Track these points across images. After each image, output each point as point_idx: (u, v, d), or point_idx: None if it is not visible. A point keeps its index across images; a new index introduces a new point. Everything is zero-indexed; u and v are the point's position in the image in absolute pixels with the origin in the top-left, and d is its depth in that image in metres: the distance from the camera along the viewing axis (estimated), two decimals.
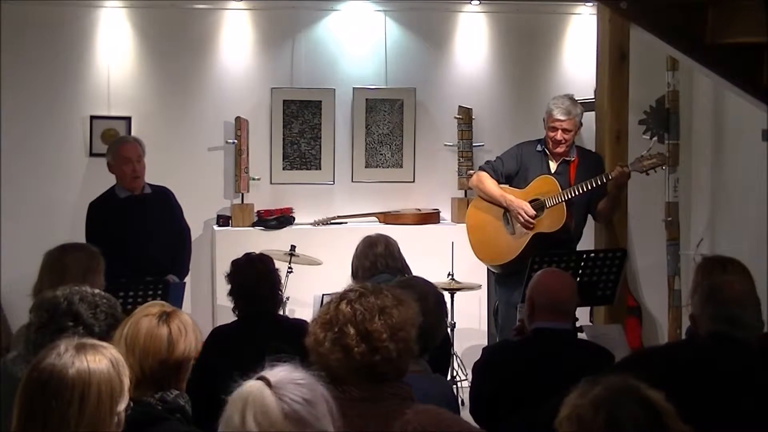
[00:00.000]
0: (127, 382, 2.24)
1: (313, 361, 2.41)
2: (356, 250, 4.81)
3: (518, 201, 5.28)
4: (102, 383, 2.16)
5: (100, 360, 2.18)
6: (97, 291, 2.98)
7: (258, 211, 6.61)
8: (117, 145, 5.60)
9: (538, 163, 5.40)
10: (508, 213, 5.37)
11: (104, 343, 2.29)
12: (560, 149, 5.33)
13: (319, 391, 1.97)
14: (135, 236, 5.42)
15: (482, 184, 5.44)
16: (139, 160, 5.48)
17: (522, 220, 5.24)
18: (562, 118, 5.30)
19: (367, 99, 6.83)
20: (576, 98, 5.52)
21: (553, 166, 5.39)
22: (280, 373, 1.96)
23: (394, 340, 2.39)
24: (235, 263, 4.29)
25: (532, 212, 5.23)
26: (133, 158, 5.46)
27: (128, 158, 5.45)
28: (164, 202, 5.67)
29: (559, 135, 5.30)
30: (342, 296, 2.44)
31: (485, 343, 6.32)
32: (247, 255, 4.34)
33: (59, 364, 2.15)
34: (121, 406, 2.21)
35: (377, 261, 4.68)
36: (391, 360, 2.38)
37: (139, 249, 5.38)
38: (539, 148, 5.43)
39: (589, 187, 5.13)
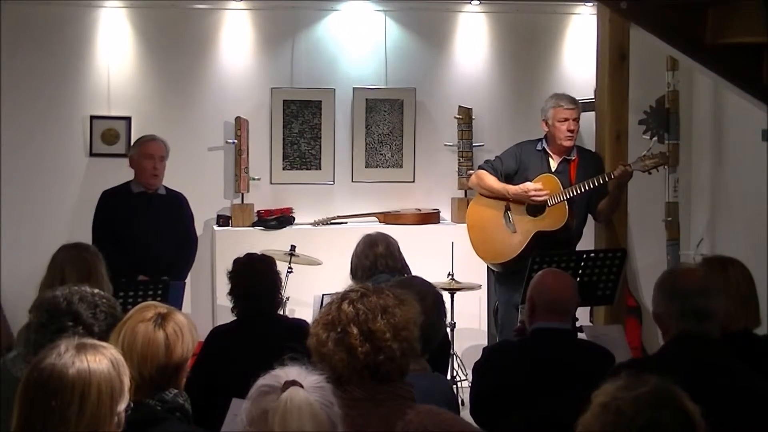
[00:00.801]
0: (127, 382, 2.23)
1: (316, 362, 2.41)
2: (356, 248, 4.80)
3: (519, 186, 5.26)
4: (102, 383, 2.15)
5: (100, 360, 2.18)
6: (96, 291, 2.98)
7: (258, 211, 6.61)
8: (143, 140, 5.74)
9: (539, 162, 5.40)
10: (509, 212, 5.36)
11: (105, 344, 2.28)
12: (571, 142, 5.32)
13: (330, 393, 1.99)
14: (139, 232, 5.50)
15: (482, 181, 5.43)
16: (161, 159, 5.63)
17: (537, 198, 5.17)
18: (571, 106, 5.33)
19: (367, 99, 6.83)
20: (575, 98, 5.53)
21: (553, 165, 5.38)
22: (300, 376, 1.98)
23: (398, 339, 2.39)
24: (237, 262, 4.28)
25: (537, 185, 5.20)
26: (156, 156, 5.62)
27: (151, 155, 5.60)
28: (175, 206, 5.76)
29: (571, 125, 5.30)
30: (343, 296, 2.44)
31: (485, 343, 6.32)
32: (249, 255, 4.33)
33: (60, 363, 2.14)
34: (122, 406, 2.21)
35: (377, 261, 4.67)
36: (394, 359, 2.38)
37: (141, 246, 5.46)
38: (539, 147, 5.42)
39: (591, 186, 5.12)
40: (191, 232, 5.87)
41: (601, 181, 5.11)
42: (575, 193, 5.16)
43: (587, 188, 5.13)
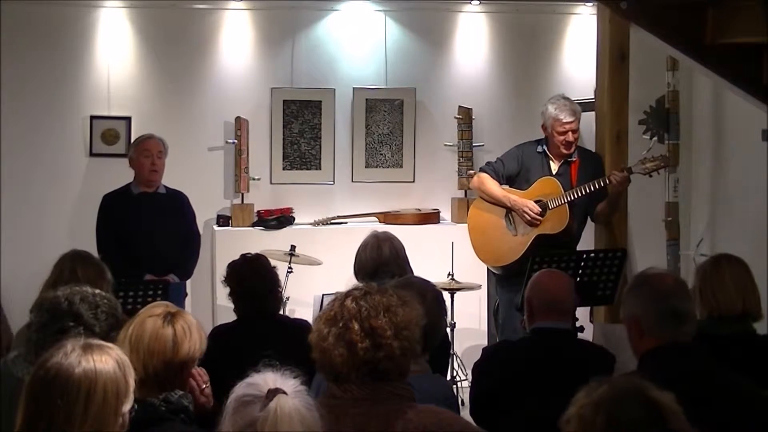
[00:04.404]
0: (132, 383, 2.24)
1: (316, 358, 2.42)
2: (361, 247, 4.68)
3: (522, 200, 5.29)
4: (108, 383, 2.16)
5: (106, 360, 2.19)
6: (98, 291, 2.98)
7: (258, 211, 6.61)
8: (140, 139, 5.78)
9: (540, 164, 5.40)
10: (510, 214, 5.36)
11: (110, 344, 2.29)
12: (569, 151, 5.33)
13: (307, 394, 2.01)
14: (141, 232, 5.53)
15: (484, 186, 5.43)
16: (159, 155, 5.66)
17: (528, 217, 5.23)
18: (570, 119, 5.31)
19: (367, 99, 6.83)
20: (576, 98, 5.54)
21: (554, 167, 5.38)
22: (278, 382, 1.98)
23: (398, 338, 2.39)
24: (232, 265, 4.28)
25: (538, 209, 5.23)
26: (154, 152, 5.64)
27: (148, 150, 5.63)
28: (176, 205, 5.78)
29: (570, 136, 5.30)
30: (347, 294, 2.45)
31: (485, 343, 6.32)
32: (243, 256, 4.33)
33: (66, 363, 2.15)
34: (126, 407, 2.21)
35: (379, 268, 4.57)
36: (394, 358, 2.39)
37: (144, 246, 5.50)
38: (540, 149, 5.42)
39: (591, 189, 5.12)
40: (194, 230, 5.90)
41: (601, 184, 5.11)
42: (575, 197, 5.16)
43: (587, 191, 5.13)
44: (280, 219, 6.57)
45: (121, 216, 5.58)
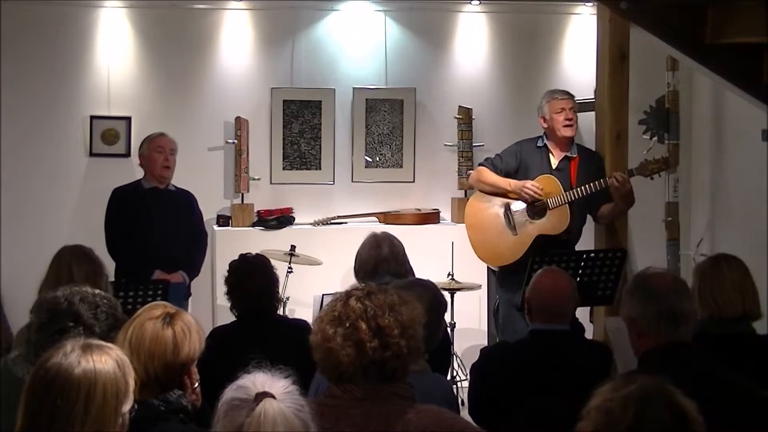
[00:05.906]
0: (132, 383, 2.24)
1: (318, 359, 2.41)
2: (360, 248, 4.74)
3: (518, 182, 5.26)
4: (108, 384, 2.16)
5: (106, 360, 2.19)
6: (97, 291, 2.98)
7: (258, 211, 6.61)
8: (153, 136, 5.83)
9: (539, 159, 5.38)
10: (509, 212, 5.34)
11: (110, 344, 2.29)
12: (571, 131, 5.32)
13: (298, 394, 2.03)
14: (150, 227, 5.57)
15: (482, 176, 5.40)
16: (171, 152, 5.72)
17: (531, 193, 5.18)
18: (565, 96, 5.36)
19: (367, 99, 6.83)
20: (576, 98, 5.53)
21: (554, 162, 5.37)
22: (268, 383, 1.99)
23: (404, 337, 2.39)
24: (232, 265, 4.30)
25: (535, 183, 5.20)
26: (167, 148, 5.70)
27: (162, 146, 5.69)
28: (186, 202, 5.83)
29: (568, 113, 5.31)
30: (349, 294, 2.45)
31: (485, 343, 6.32)
32: (243, 256, 4.35)
33: (65, 363, 2.15)
34: (126, 407, 2.21)
35: (378, 266, 4.60)
36: (401, 356, 2.39)
37: (155, 241, 5.54)
38: (540, 143, 5.42)
39: (593, 190, 5.11)
40: (202, 229, 5.95)
41: (603, 185, 5.09)
42: (576, 197, 5.15)
43: (588, 192, 5.12)
44: (280, 219, 6.57)
45: (131, 210, 5.61)
